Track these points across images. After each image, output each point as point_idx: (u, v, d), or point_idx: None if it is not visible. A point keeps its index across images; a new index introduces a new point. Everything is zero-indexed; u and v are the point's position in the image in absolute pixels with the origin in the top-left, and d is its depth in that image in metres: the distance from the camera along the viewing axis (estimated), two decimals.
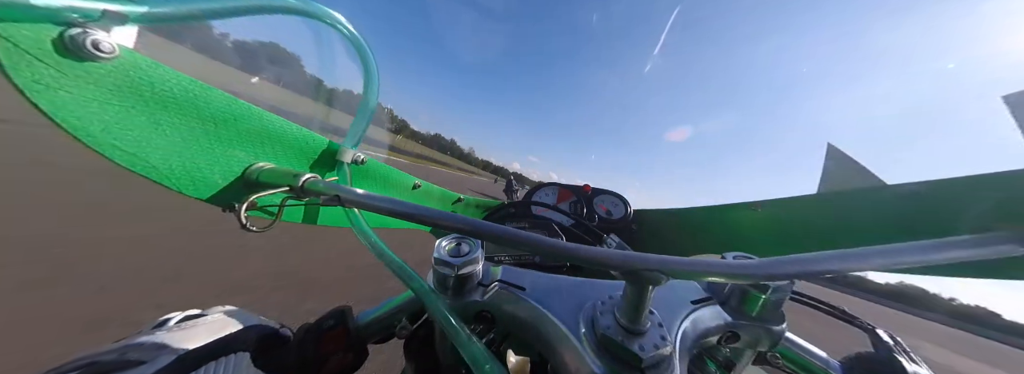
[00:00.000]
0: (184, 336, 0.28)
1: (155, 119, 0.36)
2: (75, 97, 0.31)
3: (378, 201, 0.35)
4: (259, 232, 0.39)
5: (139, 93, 0.35)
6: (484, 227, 0.31)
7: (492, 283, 0.37)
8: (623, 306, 0.29)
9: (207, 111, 0.40)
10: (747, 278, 0.25)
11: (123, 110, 0.34)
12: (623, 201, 1.26)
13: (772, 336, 0.36)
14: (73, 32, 0.29)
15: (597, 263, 0.26)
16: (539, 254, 0.29)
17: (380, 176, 0.72)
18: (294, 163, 0.53)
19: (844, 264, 0.24)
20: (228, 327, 0.32)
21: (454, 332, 0.31)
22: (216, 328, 0.31)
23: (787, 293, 0.35)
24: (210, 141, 0.41)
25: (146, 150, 0.36)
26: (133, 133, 0.35)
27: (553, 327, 0.32)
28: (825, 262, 0.24)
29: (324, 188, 0.40)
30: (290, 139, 0.50)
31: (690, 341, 0.33)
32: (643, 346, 0.27)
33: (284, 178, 0.42)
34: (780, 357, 0.40)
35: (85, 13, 0.29)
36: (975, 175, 0.39)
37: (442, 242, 0.38)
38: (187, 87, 0.38)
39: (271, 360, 0.34)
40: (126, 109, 0.34)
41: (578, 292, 0.36)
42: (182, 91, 0.37)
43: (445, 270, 0.35)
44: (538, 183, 1.34)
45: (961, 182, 0.41)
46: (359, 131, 0.59)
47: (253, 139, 0.46)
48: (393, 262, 0.40)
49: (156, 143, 0.37)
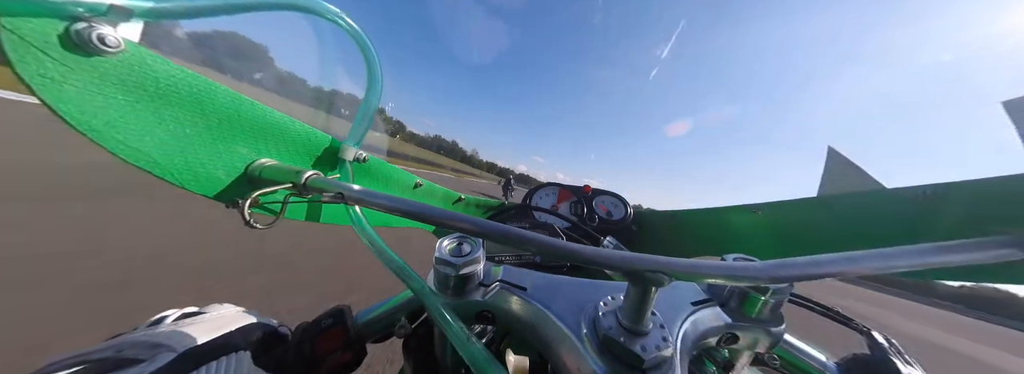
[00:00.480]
0: (183, 334, 0.28)
1: (159, 114, 0.36)
2: (80, 91, 0.31)
3: (381, 199, 0.35)
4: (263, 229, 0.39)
5: (144, 88, 0.35)
6: (487, 226, 0.31)
7: (493, 283, 0.37)
8: (625, 307, 0.29)
9: (211, 107, 0.40)
10: (749, 280, 0.25)
11: (127, 105, 0.34)
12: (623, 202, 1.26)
13: (771, 338, 0.36)
14: (79, 26, 0.29)
15: (601, 264, 0.26)
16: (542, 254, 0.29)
17: (382, 174, 0.72)
18: (297, 160, 0.53)
19: (844, 267, 0.24)
20: (227, 325, 0.31)
21: (453, 332, 0.31)
22: (215, 326, 0.30)
23: (786, 295, 0.36)
24: (214, 137, 0.41)
25: (149, 145, 0.36)
26: (137, 128, 0.35)
27: (554, 327, 0.32)
28: (825, 265, 0.25)
29: (327, 185, 0.40)
30: (293, 136, 0.51)
31: (690, 342, 0.33)
32: (645, 347, 0.27)
33: (287, 175, 0.42)
34: (778, 358, 0.40)
35: (91, 8, 0.29)
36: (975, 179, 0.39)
37: (444, 241, 0.38)
38: (192, 82, 0.38)
39: (270, 359, 0.33)
40: (130, 104, 0.34)
41: (579, 293, 0.36)
42: (186, 86, 0.37)
43: (447, 269, 0.35)
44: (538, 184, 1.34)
45: (961, 186, 0.41)
46: (362, 129, 0.59)
47: (256, 135, 0.46)
48: (393, 261, 0.40)
49: (160, 138, 0.37)
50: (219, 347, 0.28)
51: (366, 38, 0.55)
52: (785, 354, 0.40)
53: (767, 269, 0.25)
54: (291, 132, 0.50)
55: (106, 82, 0.32)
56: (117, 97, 0.33)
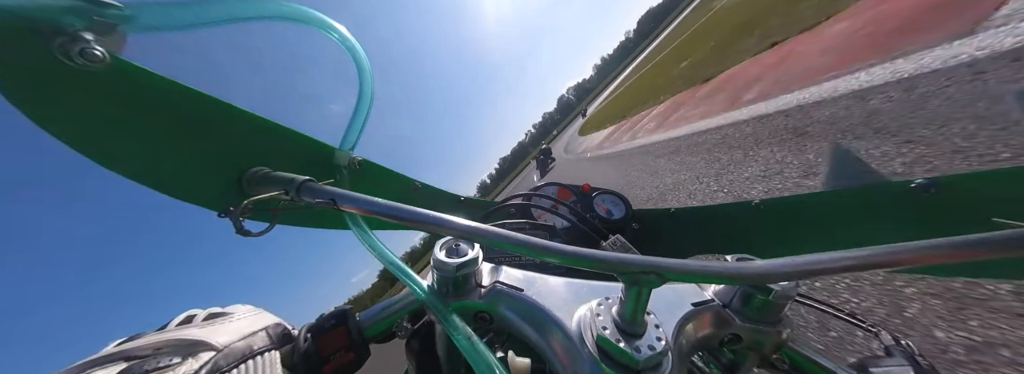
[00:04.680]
0: (218, 332, 0.29)
1: (146, 125, 0.36)
2: (65, 104, 0.31)
3: (374, 206, 0.35)
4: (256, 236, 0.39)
5: (129, 100, 0.35)
6: (480, 231, 0.30)
7: (491, 284, 0.37)
8: (621, 308, 0.29)
9: (199, 116, 0.40)
10: (745, 281, 0.25)
11: (113, 117, 0.34)
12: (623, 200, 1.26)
13: (776, 339, 0.35)
14: (62, 40, 0.29)
15: (593, 265, 0.26)
16: (535, 256, 0.29)
17: (379, 178, 0.72)
18: (290, 167, 0.53)
19: (846, 265, 0.24)
20: (254, 325, 0.33)
21: (454, 332, 0.31)
22: (244, 326, 0.31)
23: (791, 295, 0.35)
24: (203, 146, 0.41)
25: (137, 156, 0.36)
26: (123, 139, 0.35)
27: (551, 328, 0.32)
28: (826, 263, 0.24)
29: (320, 192, 0.40)
30: (285, 143, 0.50)
31: (690, 343, 0.33)
32: (639, 348, 0.27)
33: (280, 182, 0.42)
34: (785, 361, 0.39)
35: (74, 21, 0.28)
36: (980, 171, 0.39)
37: (441, 243, 0.38)
38: (180, 92, 0.38)
39: (283, 359, 0.34)
40: (116, 116, 0.34)
41: (577, 293, 0.36)
42: (174, 97, 0.37)
43: (444, 271, 0.35)
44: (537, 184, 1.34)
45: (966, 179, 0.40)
46: (355, 133, 0.59)
47: (247, 143, 0.46)
48: (393, 264, 0.40)
49: (147, 149, 0.37)
50: (251, 347, 0.29)
51: (357, 46, 0.55)
52: (793, 356, 0.39)
53: (764, 269, 0.24)
54: (284, 139, 0.50)
55: (90, 95, 0.32)
56: (102, 109, 0.33)
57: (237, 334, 0.29)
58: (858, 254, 0.24)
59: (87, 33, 0.30)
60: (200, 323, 0.30)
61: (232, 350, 0.27)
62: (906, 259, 0.23)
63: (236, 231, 0.38)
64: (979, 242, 0.23)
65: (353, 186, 0.65)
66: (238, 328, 0.30)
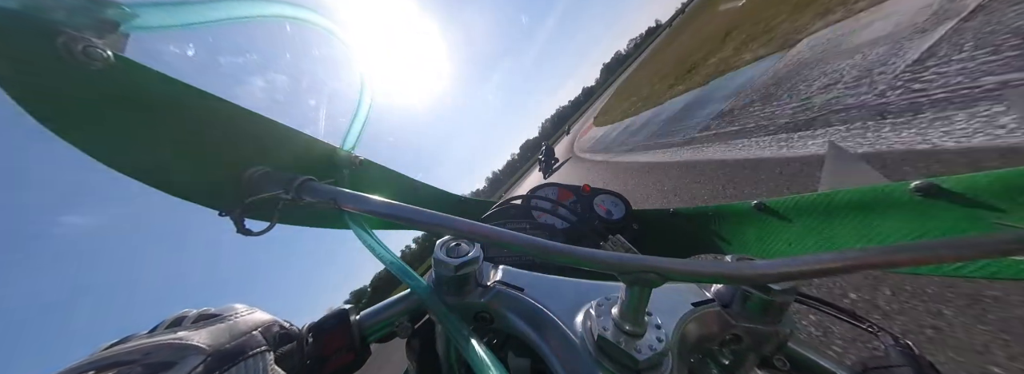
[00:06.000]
0: (207, 335, 0.28)
1: (148, 123, 0.36)
2: (68, 102, 0.31)
3: (374, 205, 0.35)
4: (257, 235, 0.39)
5: (131, 98, 0.35)
6: (480, 230, 0.30)
7: (491, 284, 0.37)
8: (621, 308, 0.29)
9: (201, 115, 0.40)
10: (745, 281, 0.24)
11: (115, 115, 0.34)
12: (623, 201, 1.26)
13: (776, 339, 0.35)
14: (65, 38, 0.29)
15: (593, 265, 0.26)
16: (536, 256, 0.29)
17: (379, 178, 0.72)
18: (291, 166, 0.53)
19: (846, 265, 0.24)
20: (247, 325, 0.32)
21: (454, 332, 0.31)
22: (236, 326, 0.31)
23: (792, 295, 0.35)
24: (204, 145, 0.41)
25: (138, 154, 0.36)
26: (125, 137, 0.35)
27: (551, 328, 0.32)
28: (826, 263, 0.24)
29: (321, 191, 0.40)
30: (286, 142, 0.50)
31: (690, 343, 0.33)
32: (640, 348, 0.27)
33: (280, 182, 0.42)
34: (786, 361, 0.39)
35: (77, 21, 0.29)
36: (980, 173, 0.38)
37: (442, 242, 0.38)
38: (181, 91, 0.38)
39: (283, 359, 0.34)
40: (118, 114, 0.34)
41: (577, 293, 0.36)
42: (176, 96, 0.37)
43: (444, 270, 0.35)
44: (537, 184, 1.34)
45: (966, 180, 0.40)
46: (356, 133, 0.59)
47: (248, 143, 0.46)
48: (393, 263, 0.40)
49: (148, 147, 0.37)
50: (244, 347, 0.28)
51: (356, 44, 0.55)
52: (793, 356, 0.39)
53: (764, 269, 0.24)
54: (284, 138, 0.50)
55: (93, 93, 0.32)
56: (105, 108, 0.33)
57: (228, 335, 0.29)
58: (858, 254, 0.24)
59: (90, 32, 0.30)
60: (189, 325, 0.29)
61: (222, 353, 0.26)
62: (905, 259, 0.23)
63: (237, 230, 0.38)
64: (979, 242, 0.23)
65: (354, 186, 0.65)
66: (230, 329, 0.30)
